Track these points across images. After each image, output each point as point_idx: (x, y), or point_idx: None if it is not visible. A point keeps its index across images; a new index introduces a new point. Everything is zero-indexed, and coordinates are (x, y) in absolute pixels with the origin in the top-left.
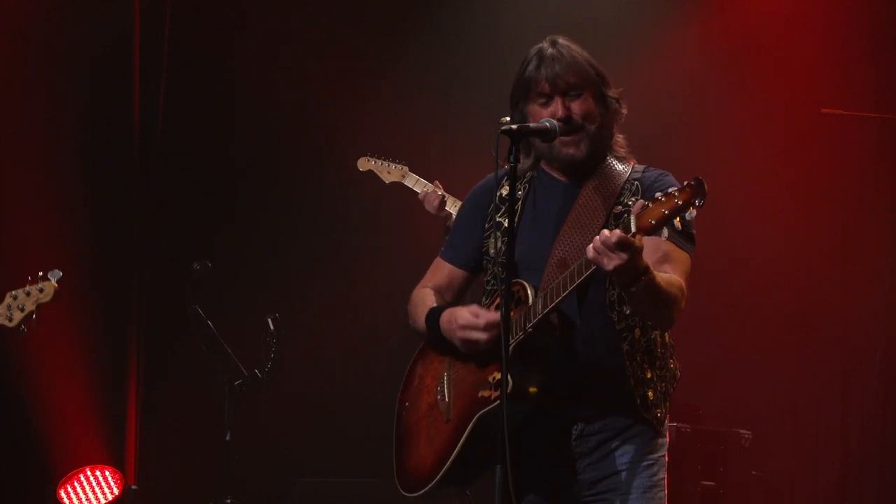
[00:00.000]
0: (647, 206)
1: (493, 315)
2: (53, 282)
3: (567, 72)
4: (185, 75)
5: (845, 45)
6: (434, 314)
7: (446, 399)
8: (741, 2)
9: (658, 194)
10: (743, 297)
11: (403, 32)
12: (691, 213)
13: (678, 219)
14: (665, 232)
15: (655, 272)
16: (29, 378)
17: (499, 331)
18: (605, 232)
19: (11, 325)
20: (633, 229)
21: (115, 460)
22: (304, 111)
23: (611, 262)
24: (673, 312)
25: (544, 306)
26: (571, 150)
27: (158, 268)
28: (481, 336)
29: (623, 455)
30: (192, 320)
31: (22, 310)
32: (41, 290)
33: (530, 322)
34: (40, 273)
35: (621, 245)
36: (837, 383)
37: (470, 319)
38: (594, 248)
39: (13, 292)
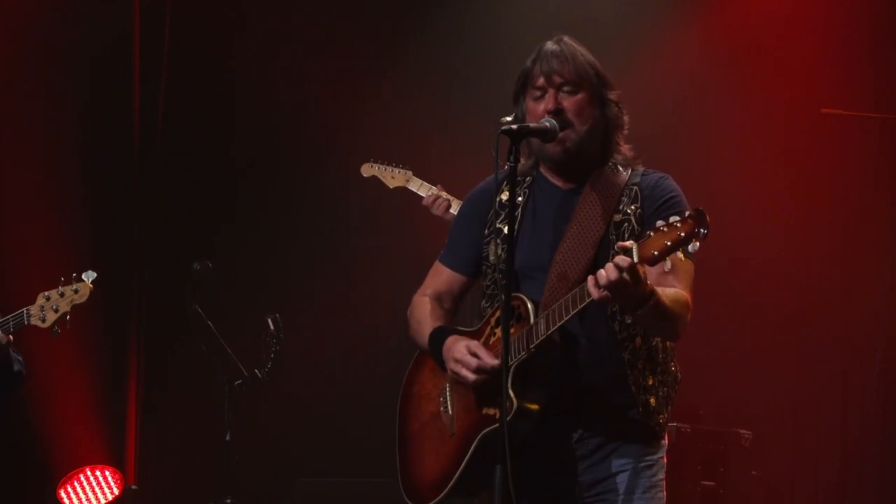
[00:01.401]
0: (650, 235)
1: (489, 359)
2: (88, 282)
3: (563, 67)
4: (185, 75)
5: (845, 45)
6: (438, 338)
7: (450, 412)
8: (741, 2)
9: (660, 223)
10: (743, 297)
11: (403, 32)
12: (695, 246)
13: (681, 250)
14: (668, 263)
15: (661, 292)
16: (29, 378)
17: (487, 376)
18: (602, 273)
19: (45, 325)
20: (636, 259)
21: (115, 460)
22: (304, 111)
23: (616, 298)
24: (679, 328)
25: (547, 327)
26: (558, 147)
27: (158, 268)
28: (469, 376)
29: (622, 457)
30: (192, 320)
31: (56, 311)
32: (76, 291)
33: (533, 342)
34: (73, 274)
35: (622, 280)
36: (837, 383)
37: (464, 358)
38: (595, 286)
39: (46, 293)
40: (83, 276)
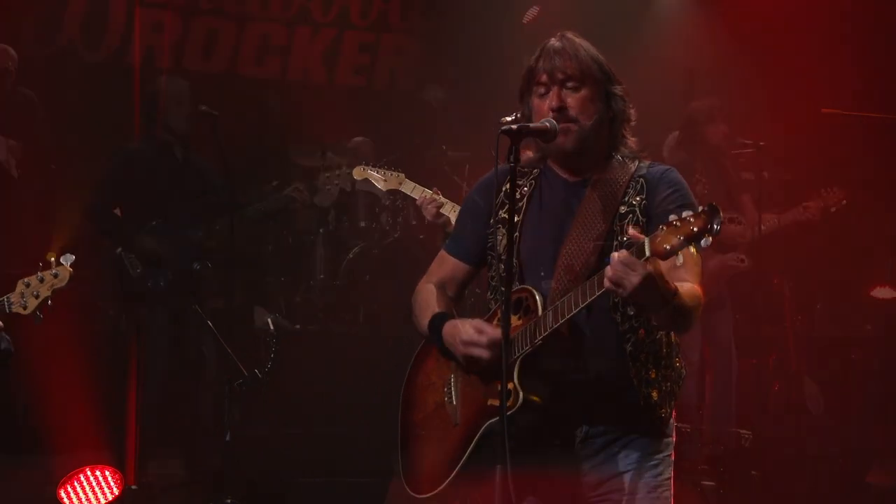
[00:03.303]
0: (662, 229)
1: (496, 332)
2: (67, 266)
3: (565, 64)
4: (185, 75)
5: (845, 45)
6: (437, 323)
7: (454, 402)
8: (741, 2)
9: (672, 217)
10: (743, 297)
11: (403, 31)
12: (707, 241)
13: (693, 245)
14: (680, 258)
15: (680, 290)
16: (29, 378)
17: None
18: (608, 269)
19: (26, 312)
20: (647, 254)
21: (115, 460)
22: (303, 110)
23: (626, 289)
24: (693, 322)
25: (555, 320)
26: (560, 140)
27: None
28: (483, 353)
29: (628, 456)
30: (192, 319)
31: (37, 296)
32: (56, 276)
33: (540, 335)
34: (52, 259)
35: (624, 272)
36: (838, 383)
37: (473, 336)
38: (609, 279)
39: (25, 279)
40: (62, 260)
